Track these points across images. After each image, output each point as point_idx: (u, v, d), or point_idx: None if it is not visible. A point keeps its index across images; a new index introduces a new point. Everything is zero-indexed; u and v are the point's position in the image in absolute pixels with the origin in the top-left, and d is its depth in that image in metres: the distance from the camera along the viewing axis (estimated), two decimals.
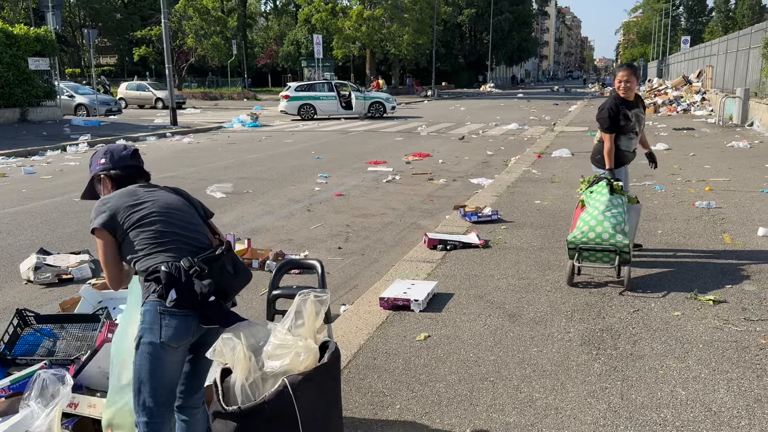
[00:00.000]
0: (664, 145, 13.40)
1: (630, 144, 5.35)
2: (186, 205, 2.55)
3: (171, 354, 2.30)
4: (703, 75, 28.76)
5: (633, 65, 5.57)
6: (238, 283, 2.45)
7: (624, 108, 5.23)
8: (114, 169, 2.53)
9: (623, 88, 5.24)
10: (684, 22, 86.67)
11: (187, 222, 2.48)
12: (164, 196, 2.52)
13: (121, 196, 2.45)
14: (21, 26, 21.90)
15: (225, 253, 2.39)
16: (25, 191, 9.72)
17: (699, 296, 4.57)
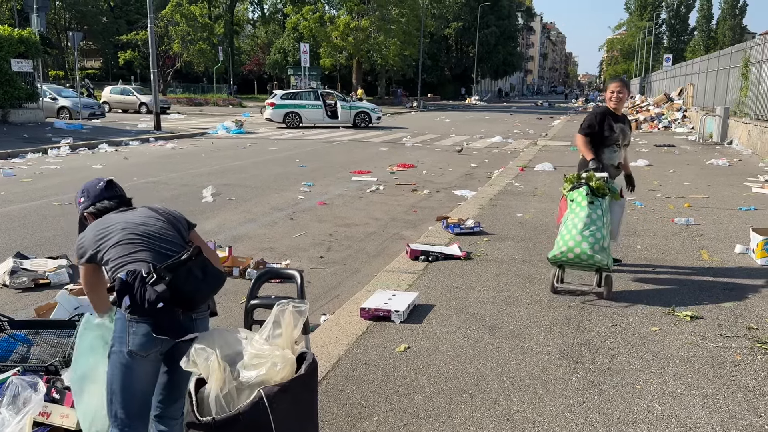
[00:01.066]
0: (645, 161, 13.56)
1: (613, 157, 5.35)
2: (156, 219, 2.59)
3: (141, 363, 2.33)
4: (685, 93, 29.21)
5: (623, 78, 5.59)
6: (206, 288, 2.42)
7: (610, 119, 5.27)
8: (93, 205, 2.66)
9: (615, 99, 5.28)
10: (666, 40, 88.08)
11: (156, 233, 2.52)
12: (134, 215, 2.60)
13: (92, 229, 2.57)
14: (5, 27, 21.67)
15: (193, 258, 2.38)
16: (3, 194, 9.58)
17: (677, 312, 4.62)
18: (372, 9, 46.50)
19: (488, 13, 63.86)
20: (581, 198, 4.82)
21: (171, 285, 2.29)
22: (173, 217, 2.66)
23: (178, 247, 2.52)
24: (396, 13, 46.58)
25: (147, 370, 2.39)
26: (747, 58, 18.18)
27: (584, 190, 4.82)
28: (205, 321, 2.50)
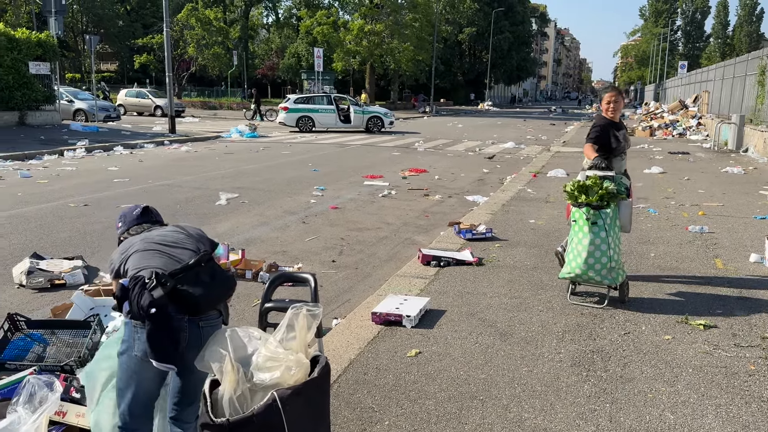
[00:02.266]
0: (659, 168, 13.49)
1: (621, 165, 5.29)
2: (177, 231, 2.65)
3: (146, 368, 2.36)
4: (700, 100, 29.03)
5: (618, 87, 5.60)
6: (213, 293, 2.42)
7: (613, 129, 5.23)
8: (127, 231, 2.73)
9: (612, 109, 5.27)
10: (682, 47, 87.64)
11: (172, 241, 2.56)
12: (157, 230, 2.67)
13: (120, 247, 2.65)
14: (23, 30, 21.98)
15: (202, 264, 2.40)
16: (20, 195, 9.70)
17: (690, 320, 4.59)
18: (385, 14, 46.59)
19: (502, 19, 63.79)
20: (582, 222, 4.75)
21: (174, 290, 2.30)
22: (197, 233, 2.70)
23: (190, 253, 2.54)
24: (409, 18, 46.65)
25: (151, 375, 2.43)
26: (764, 65, 18.04)
27: (585, 212, 4.73)
28: (213, 329, 2.46)
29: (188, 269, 2.36)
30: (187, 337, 2.35)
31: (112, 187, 10.73)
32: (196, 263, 2.39)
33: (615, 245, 4.75)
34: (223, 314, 2.56)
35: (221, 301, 2.50)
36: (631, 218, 4.97)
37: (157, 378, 2.46)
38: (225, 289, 2.49)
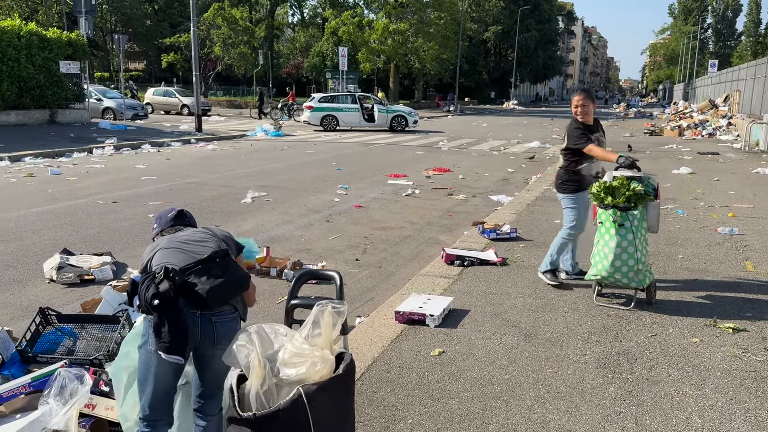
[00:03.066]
0: (688, 168, 13.28)
1: (591, 167, 5.29)
2: (201, 231, 2.67)
3: (161, 362, 2.39)
4: (730, 99, 28.51)
5: (588, 89, 5.56)
6: (223, 288, 2.40)
7: (587, 132, 5.22)
8: (160, 233, 2.76)
9: (580, 113, 5.23)
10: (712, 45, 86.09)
11: (193, 239, 2.57)
12: (185, 230, 2.69)
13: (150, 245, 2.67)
14: (54, 30, 22.39)
15: (217, 260, 2.42)
16: (50, 192, 9.90)
17: (718, 323, 4.52)
18: (410, 13, 46.55)
19: (528, 17, 63.34)
20: (609, 224, 4.69)
21: (184, 284, 2.33)
22: (224, 235, 2.70)
23: (207, 250, 2.54)
24: (434, 16, 46.54)
25: (167, 369, 2.45)
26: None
27: (611, 214, 4.68)
28: (226, 324, 2.46)
29: (201, 263, 2.38)
30: (200, 331, 2.38)
31: (140, 184, 10.89)
32: (210, 258, 2.41)
33: (642, 247, 4.69)
34: (240, 311, 2.56)
35: (231, 296, 2.49)
36: (659, 219, 4.89)
37: (172, 372, 2.48)
38: (236, 285, 2.47)
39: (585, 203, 5.36)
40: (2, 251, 6.45)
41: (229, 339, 2.39)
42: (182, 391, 2.70)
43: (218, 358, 2.41)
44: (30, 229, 7.39)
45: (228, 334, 2.42)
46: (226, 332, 2.43)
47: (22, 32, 20.07)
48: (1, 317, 4.66)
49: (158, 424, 2.50)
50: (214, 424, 2.55)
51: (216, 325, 2.41)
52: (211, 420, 2.54)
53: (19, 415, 2.84)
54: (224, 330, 2.43)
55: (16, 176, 11.47)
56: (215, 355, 2.42)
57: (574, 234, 5.46)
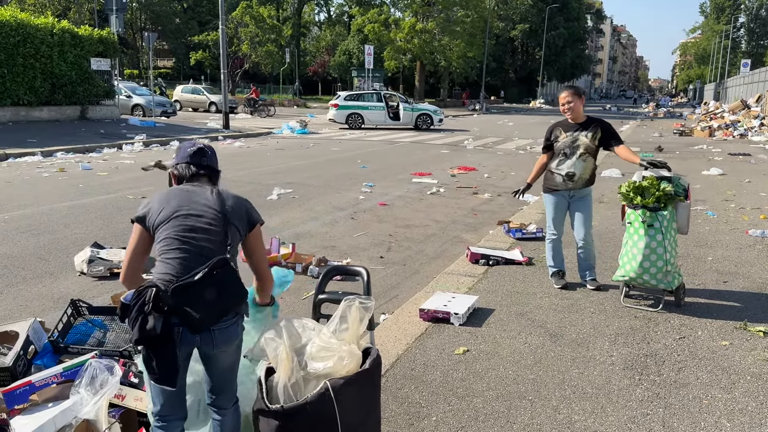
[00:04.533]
0: (719, 170, 13.05)
1: (561, 167, 5.20)
2: (211, 208, 2.43)
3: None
4: (763, 100, 27.93)
5: (576, 87, 5.43)
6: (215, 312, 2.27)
7: (559, 129, 5.23)
8: (176, 166, 2.61)
9: (568, 109, 5.16)
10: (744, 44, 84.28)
11: (200, 226, 2.39)
12: (190, 200, 2.45)
13: (160, 196, 2.49)
14: (86, 27, 22.76)
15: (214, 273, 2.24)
16: (81, 186, 10.08)
17: (749, 327, 4.44)
18: (437, 11, 46.43)
19: (556, 15, 62.72)
20: (638, 224, 4.63)
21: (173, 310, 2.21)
22: (231, 209, 2.46)
23: (217, 246, 2.38)
24: (461, 14, 46.35)
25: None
26: None
27: (641, 214, 4.61)
28: (226, 331, 2.34)
29: (196, 284, 2.21)
30: (198, 339, 2.29)
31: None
32: (207, 275, 2.22)
33: (671, 248, 4.62)
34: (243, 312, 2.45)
35: (227, 314, 2.33)
36: (689, 221, 4.82)
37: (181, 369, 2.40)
38: (230, 305, 2.32)
39: (553, 204, 5.33)
40: (35, 244, 6.59)
41: (229, 343, 2.35)
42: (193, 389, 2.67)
43: (222, 357, 2.37)
44: (61, 223, 7.54)
45: (228, 339, 2.35)
46: (225, 338, 2.35)
47: (55, 30, 20.46)
48: (33, 308, 4.77)
49: (170, 418, 2.47)
50: (230, 416, 2.51)
51: (215, 333, 2.32)
52: (225, 413, 2.50)
53: (51, 403, 2.90)
54: (223, 336, 2.34)
55: (48, 171, 11.70)
56: (218, 355, 2.37)
57: (550, 235, 5.42)
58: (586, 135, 5.13)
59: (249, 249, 2.55)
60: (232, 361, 2.45)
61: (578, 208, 5.25)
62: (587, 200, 5.26)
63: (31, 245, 6.54)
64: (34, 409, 2.87)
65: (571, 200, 5.27)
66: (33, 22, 19.92)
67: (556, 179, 5.24)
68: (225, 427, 2.51)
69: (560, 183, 5.22)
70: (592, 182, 5.27)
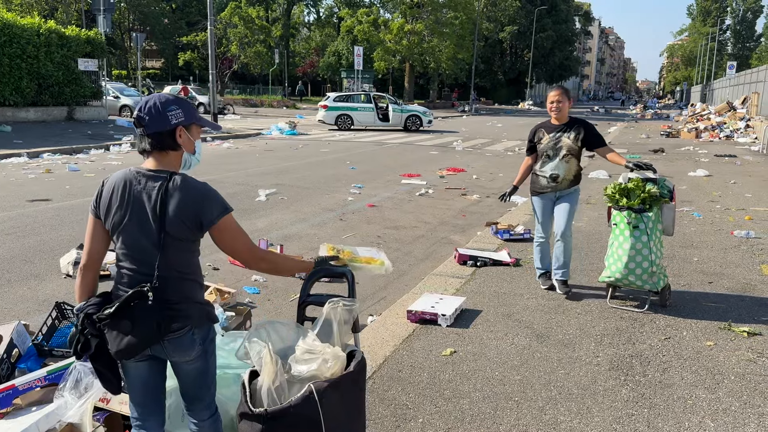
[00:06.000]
0: (705, 171, 13.16)
1: (545, 168, 5.18)
2: (147, 221, 2.19)
3: (130, 368, 2.32)
4: (749, 102, 28.19)
5: (565, 87, 5.35)
6: (130, 348, 2.11)
7: (542, 130, 5.23)
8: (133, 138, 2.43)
9: (555, 109, 5.12)
10: (731, 47, 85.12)
11: (136, 247, 2.22)
12: (132, 204, 2.21)
13: (109, 189, 2.27)
14: (73, 28, 22.61)
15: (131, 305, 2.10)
16: (68, 188, 10.01)
17: (733, 327, 4.48)
18: (426, 12, 46.51)
19: (545, 17, 62.97)
20: (624, 226, 4.67)
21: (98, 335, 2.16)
22: (173, 217, 2.16)
23: (149, 264, 2.19)
24: (450, 16, 46.47)
25: (141, 373, 2.32)
26: None
27: (626, 216, 4.65)
28: (176, 341, 2.20)
29: (112, 316, 2.09)
30: (149, 350, 2.21)
31: None
32: (124, 305, 2.09)
33: (657, 249, 4.66)
34: (195, 320, 2.24)
35: (143, 350, 2.16)
36: (674, 222, 4.86)
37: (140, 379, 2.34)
38: (144, 342, 2.12)
39: (540, 207, 5.30)
40: (20, 246, 6.54)
41: (183, 353, 2.23)
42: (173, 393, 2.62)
43: (183, 366, 2.29)
44: (47, 225, 7.48)
45: (180, 349, 2.22)
46: (176, 348, 2.22)
47: (42, 30, 20.30)
48: (18, 311, 4.73)
49: (146, 422, 2.42)
50: (207, 428, 2.42)
51: (164, 343, 2.20)
52: (202, 425, 2.41)
53: (35, 407, 2.88)
54: (174, 346, 2.21)
55: (34, 172, 11.61)
56: (178, 363, 2.29)
57: (538, 238, 5.39)
58: (568, 136, 5.11)
59: (218, 244, 2.29)
60: (198, 370, 2.31)
61: (562, 204, 5.23)
62: (572, 197, 5.23)
63: (16, 247, 6.49)
64: (17, 413, 2.85)
65: (557, 201, 5.26)
66: (19, 22, 19.76)
67: (541, 181, 5.23)
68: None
69: (545, 185, 5.21)
70: (577, 182, 5.24)
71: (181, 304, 2.20)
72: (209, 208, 2.20)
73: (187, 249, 2.24)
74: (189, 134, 2.30)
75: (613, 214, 4.79)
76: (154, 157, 2.27)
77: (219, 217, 2.21)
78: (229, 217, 2.24)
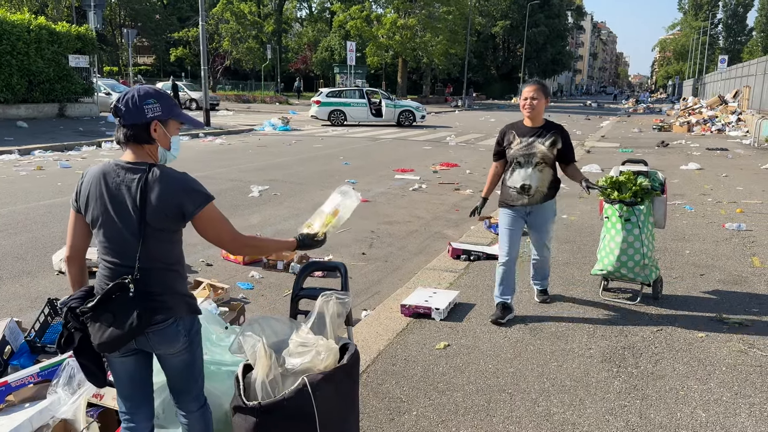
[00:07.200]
0: (696, 164, 13.22)
1: (514, 179, 4.45)
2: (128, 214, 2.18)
3: (116, 362, 2.32)
4: (740, 95, 28.32)
5: (543, 82, 4.63)
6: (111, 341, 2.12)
7: (512, 132, 4.53)
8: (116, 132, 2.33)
9: (528, 107, 4.41)
10: (722, 41, 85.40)
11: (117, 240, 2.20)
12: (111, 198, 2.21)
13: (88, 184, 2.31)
14: (63, 24, 22.44)
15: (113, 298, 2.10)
16: (60, 185, 9.96)
17: (725, 318, 4.51)
18: (419, 7, 46.45)
19: (537, 12, 62.99)
20: (616, 219, 4.69)
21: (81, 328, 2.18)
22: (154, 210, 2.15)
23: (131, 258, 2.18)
24: (443, 11, 46.42)
25: (127, 367, 2.33)
26: None
27: (618, 209, 4.67)
28: (162, 333, 2.19)
29: (93, 309, 2.11)
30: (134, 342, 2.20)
31: None
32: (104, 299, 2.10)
33: (648, 242, 4.69)
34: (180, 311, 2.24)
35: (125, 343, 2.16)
36: (666, 214, 4.88)
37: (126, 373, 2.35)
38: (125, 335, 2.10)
39: (507, 221, 4.51)
40: (12, 243, 6.51)
41: (169, 345, 2.22)
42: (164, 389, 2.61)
43: (169, 359, 2.29)
44: (39, 222, 7.45)
45: (165, 341, 2.22)
46: (161, 340, 2.21)
47: (32, 26, 20.14)
48: (10, 308, 4.71)
49: (134, 416, 2.41)
50: (196, 420, 2.41)
51: (149, 335, 2.19)
52: (191, 417, 2.40)
53: (28, 404, 2.88)
54: (159, 338, 2.20)
55: (25, 169, 11.54)
56: (163, 356, 2.29)
57: (501, 258, 4.50)
58: (543, 142, 4.40)
59: (201, 234, 2.27)
60: (184, 362, 2.30)
61: (536, 223, 4.54)
62: (548, 212, 4.55)
63: (8, 244, 6.46)
64: (10, 410, 2.84)
65: (528, 217, 4.53)
66: (9, 18, 19.60)
67: (510, 193, 4.47)
68: (193, 429, 2.41)
69: (515, 197, 4.45)
70: (552, 195, 4.54)
71: (164, 296, 2.19)
72: (191, 198, 2.19)
73: (168, 240, 2.22)
74: (165, 129, 2.26)
75: (605, 208, 4.82)
76: (131, 149, 2.25)
77: (201, 207, 2.20)
78: (211, 206, 2.23)
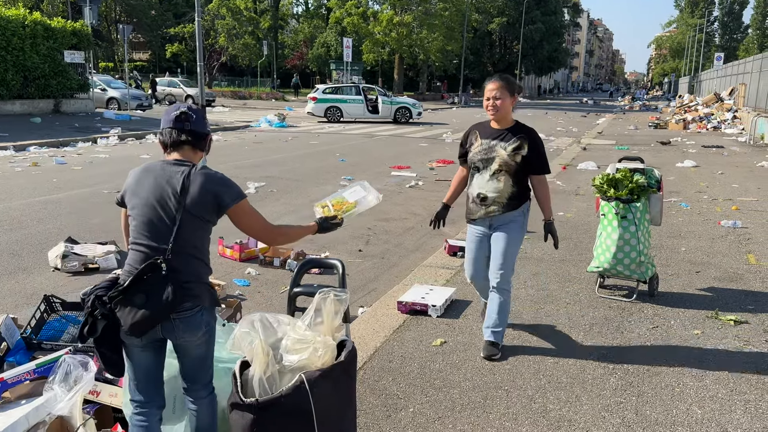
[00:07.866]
0: (692, 162, 13.25)
1: (473, 186, 3.95)
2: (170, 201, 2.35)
3: (134, 352, 2.40)
4: (736, 93, 28.36)
5: (509, 78, 3.97)
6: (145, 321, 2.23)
7: (476, 133, 4.04)
8: (161, 132, 2.56)
9: (491, 107, 3.88)
10: (718, 38, 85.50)
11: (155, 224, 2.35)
12: (156, 186, 2.39)
13: (134, 177, 2.51)
14: (59, 19, 22.35)
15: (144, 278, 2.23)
16: (55, 181, 9.93)
17: (720, 315, 4.53)
18: (415, 3, 46.36)
19: (534, 9, 62.94)
20: (612, 216, 4.71)
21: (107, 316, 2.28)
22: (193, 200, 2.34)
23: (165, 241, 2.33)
24: (440, 7, 46.35)
25: (138, 356, 2.41)
26: None
27: (614, 206, 4.68)
28: (187, 320, 2.31)
29: (125, 290, 2.23)
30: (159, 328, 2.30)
31: None
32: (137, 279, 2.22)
33: (644, 239, 4.70)
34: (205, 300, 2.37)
35: (157, 324, 2.28)
36: (662, 212, 4.90)
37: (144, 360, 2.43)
38: (158, 314, 2.23)
39: (470, 239, 4.05)
40: (8, 240, 6.49)
41: (192, 333, 2.33)
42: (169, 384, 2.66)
43: (190, 347, 2.38)
44: (35, 218, 7.42)
45: (190, 328, 2.32)
46: (187, 327, 2.32)
47: (27, 21, 20.05)
48: (6, 305, 4.70)
49: (147, 405, 2.48)
50: (205, 406, 2.50)
51: (176, 322, 2.30)
52: (200, 403, 2.50)
53: (24, 401, 2.86)
54: (185, 326, 2.32)
55: (20, 165, 11.50)
56: (184, 344, 2.38)
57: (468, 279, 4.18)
58: (504, 146, 3.83)
59: (237, 225, 2.52)
60: (202, 351, 2.43)
61: (496, 238, 3.88)
62: (511, 227, 3.86)
63: (3, 241, 6.44)
64: (6, 407, 2.83)
65: (491, 231, 3.94)
66: (4, 13, 19.50)
67: (469, 204, 4.01)
68: (200, 416, 2.50)
69: (474, 209, 3.95)
70: (516, 207, 3.85)
71: (191, 284, 2.32)
72: (227, 193, 2.43)
73: (201, 228, 2.40)
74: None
75: (602, 205, 4.83)
76: (180, 152, 2.50)
77: (235, 201, 2.43)
78: (244, 201, 2.47)
